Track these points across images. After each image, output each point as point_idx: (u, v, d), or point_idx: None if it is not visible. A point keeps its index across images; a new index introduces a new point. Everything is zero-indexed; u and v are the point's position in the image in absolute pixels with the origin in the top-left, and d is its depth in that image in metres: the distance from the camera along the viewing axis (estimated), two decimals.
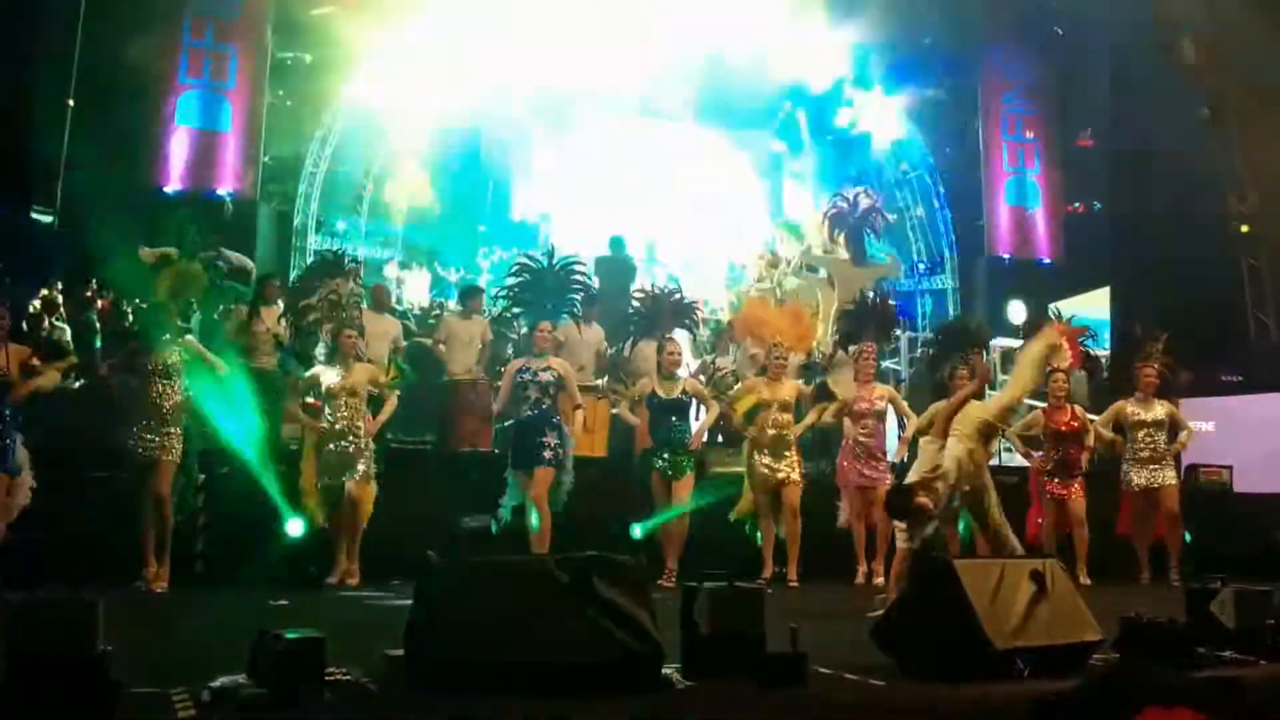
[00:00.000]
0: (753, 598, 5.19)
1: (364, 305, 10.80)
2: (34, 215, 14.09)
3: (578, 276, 10.19)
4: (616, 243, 16.21)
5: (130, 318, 12.29)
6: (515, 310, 9.89)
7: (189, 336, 9.21)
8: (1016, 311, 18.78)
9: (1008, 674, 5.03)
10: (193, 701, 4.17)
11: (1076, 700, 3.52)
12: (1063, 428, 10.49)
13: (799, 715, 4.62)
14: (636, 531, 9.63)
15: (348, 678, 4.44)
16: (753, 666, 4.86)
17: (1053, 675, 5.15)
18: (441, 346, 11.81)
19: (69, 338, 11.97)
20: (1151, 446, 10.72)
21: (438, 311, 16.28)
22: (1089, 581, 9.96)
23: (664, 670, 4.80)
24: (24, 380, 8.25)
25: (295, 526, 9.03)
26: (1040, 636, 5.34)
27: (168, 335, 8.85)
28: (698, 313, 11.82)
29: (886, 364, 14.66)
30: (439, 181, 19.25)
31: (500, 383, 9.90)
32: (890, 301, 11.82)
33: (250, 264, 10.42)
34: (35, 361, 8.46)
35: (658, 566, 9.40)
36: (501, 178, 20.16)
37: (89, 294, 13.09)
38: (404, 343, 11.94)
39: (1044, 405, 10.71)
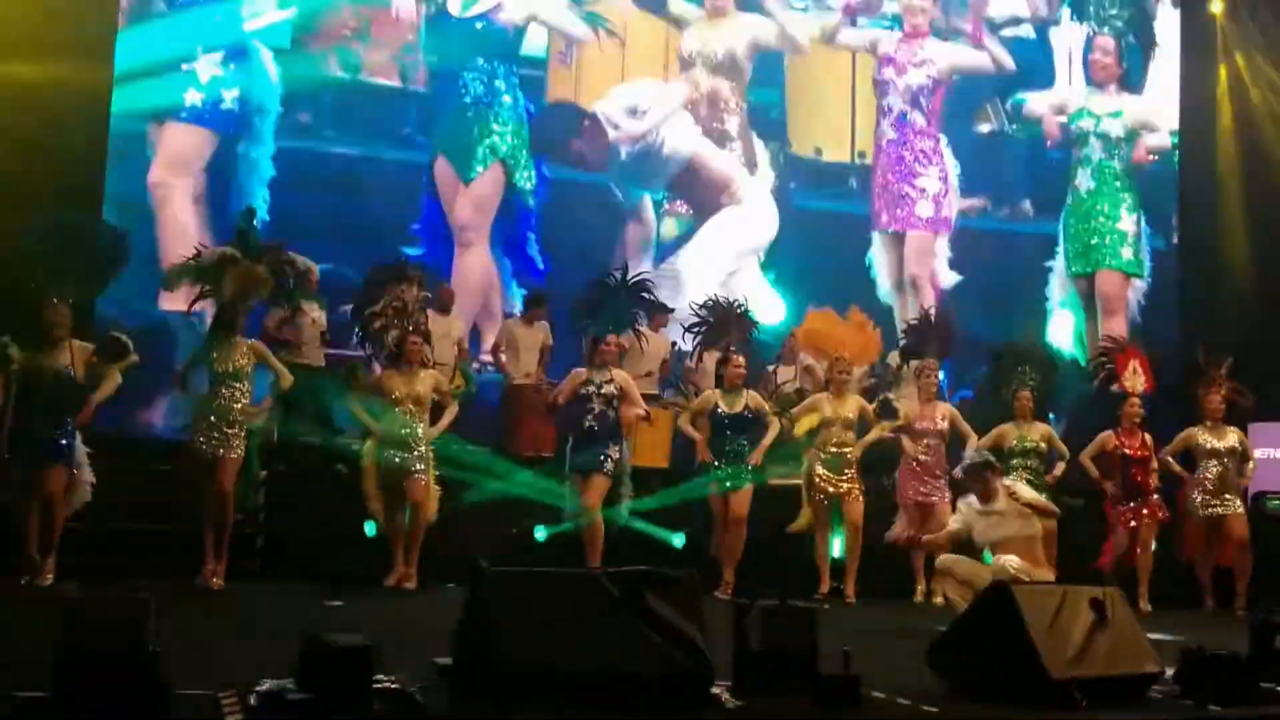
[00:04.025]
0: (806, 616, 5.10)
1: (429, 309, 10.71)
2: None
3: (646, 293, 10.16)
4: None
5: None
6: (584, 323, 9.84)
7: (256, 341, 9.18)
8: None
9: (1065, 704, 4.91)
10: (240, 705, 4.16)
11: None
12: (1132, 452, 10.37)
13: None
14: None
15: (395, 686, 4.42)
16: (805, 687, 4.79)
17: (1110, 706, 5.07)
18: (502, 355, 11.74)
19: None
20: (1221, 475, 10.52)
21: None
22: (1149, 608, 9.82)
23: (713, 689, 4.74)
24: (88, 402, 8.45)
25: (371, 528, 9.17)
26: (1098, 666, 5.20)
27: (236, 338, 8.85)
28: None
29: None
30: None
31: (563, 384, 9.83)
32: (952, 319, 11.62)
33: (314, 265, 10.35)
34: (94, 359, 8.53)
35: (714, 579, 9.37)
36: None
37: None
38: (468, 344, 11.86)
39: (1118, 429, 10.55)
